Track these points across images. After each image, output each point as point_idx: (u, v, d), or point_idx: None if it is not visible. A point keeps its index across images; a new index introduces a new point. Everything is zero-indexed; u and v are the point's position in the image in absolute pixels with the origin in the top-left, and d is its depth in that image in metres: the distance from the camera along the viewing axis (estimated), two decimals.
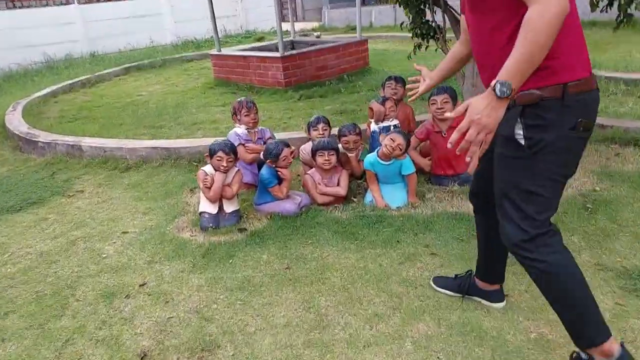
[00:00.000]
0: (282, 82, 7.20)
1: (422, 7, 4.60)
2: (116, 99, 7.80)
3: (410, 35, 4.50)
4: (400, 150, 3.21)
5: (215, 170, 3.26)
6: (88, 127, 6.12)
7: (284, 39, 7.91)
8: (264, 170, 3.33)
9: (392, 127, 3.65)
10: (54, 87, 8.44)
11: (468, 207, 3.13)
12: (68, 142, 5.01)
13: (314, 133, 3.68)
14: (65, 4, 11.96)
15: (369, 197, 3.43)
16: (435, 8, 4.45)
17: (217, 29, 8.39)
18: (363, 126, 3.96)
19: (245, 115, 3.73)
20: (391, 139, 3.19)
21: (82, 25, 11.98)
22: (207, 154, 3.29)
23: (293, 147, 3.38)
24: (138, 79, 9.48)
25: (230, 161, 3.25)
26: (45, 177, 4.61)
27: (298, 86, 7.26)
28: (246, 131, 3.77)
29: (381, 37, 11.85)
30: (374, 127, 3.71)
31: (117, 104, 7.41)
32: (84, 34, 12.05)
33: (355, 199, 3.53)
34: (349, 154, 3.72)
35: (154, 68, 10.37)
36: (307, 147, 3.73)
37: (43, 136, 5.35)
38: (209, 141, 4.20)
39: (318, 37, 8.73)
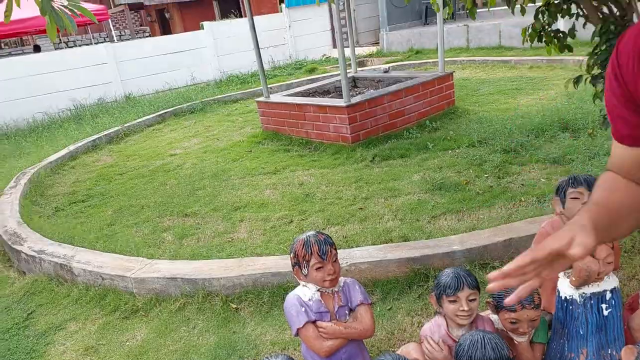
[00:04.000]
0: (348, 137, 5.51)
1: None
2: (144, 161, 6.35)
3: (587, 62, 2.42)
4: None
5: None
6: (99, 214, 4.67)
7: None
8: None
9: (608, 294, 1.84)
10: (72, 147, 7.09)
11: None
12: (56, 261, 3.48)
13: (451, 307, 1.90)
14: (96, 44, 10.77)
15: None
16: None
17: (264, 61, 6.83)
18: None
19: (317, 269, 2.02)
20: None
21: (115, 66, 10.77)
22: None
23: None
24: (174, 129, 8.05)
25: None
26: (13, 327, 3.08)
27: (368, 141, 5.56)
28: (318, 294, 2.06)
29: (455, 62, 9.98)
30: (568, 290, 1.90)
31: (144, 170, 5.95)
32: (117, 74, 10.83)
33: None
34: (517, 340, 1.95)
35: (193, 113, 8.93)
36: (435, 331, 1.97)
37: (31, 242, 3.86)
38: (254, 268, 2.60)
39: (386, 71, 7.02)
